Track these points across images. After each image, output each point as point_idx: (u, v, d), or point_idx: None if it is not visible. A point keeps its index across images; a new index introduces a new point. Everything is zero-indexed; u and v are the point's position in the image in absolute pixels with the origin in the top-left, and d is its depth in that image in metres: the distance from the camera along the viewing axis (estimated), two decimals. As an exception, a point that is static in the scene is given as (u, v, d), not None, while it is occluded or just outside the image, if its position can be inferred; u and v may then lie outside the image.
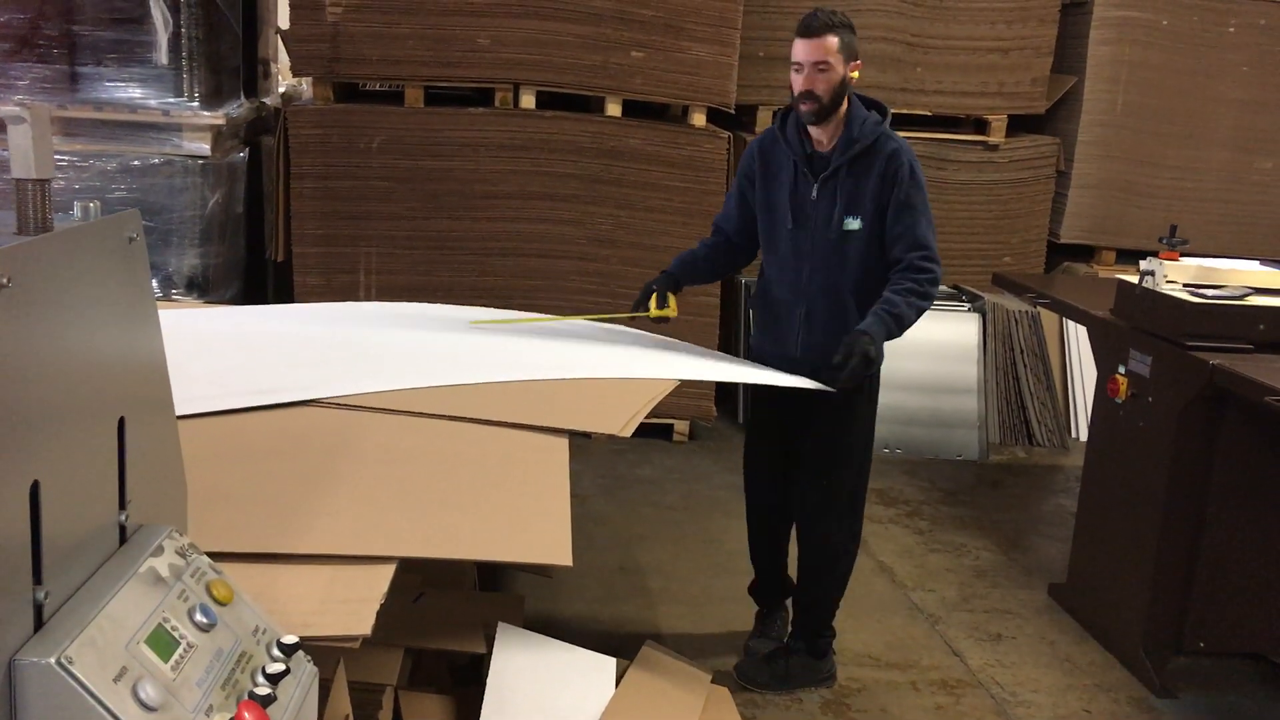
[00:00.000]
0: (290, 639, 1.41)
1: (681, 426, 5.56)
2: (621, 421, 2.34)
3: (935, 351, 5.74)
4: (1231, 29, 5.92)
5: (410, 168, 5.15)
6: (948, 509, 4.91)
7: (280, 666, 1.35)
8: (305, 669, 1.44)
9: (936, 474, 5.37)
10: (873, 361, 2.96)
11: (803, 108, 3.02)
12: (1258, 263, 3.63)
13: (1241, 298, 3.35)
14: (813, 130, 3.09)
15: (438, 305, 3.96)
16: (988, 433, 5.70)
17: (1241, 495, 3.34)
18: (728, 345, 5.92)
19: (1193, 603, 3.40)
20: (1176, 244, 3.50)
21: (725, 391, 5.92)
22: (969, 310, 5.83)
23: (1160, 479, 3.42)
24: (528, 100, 5.19)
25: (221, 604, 1.35)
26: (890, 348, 5.92)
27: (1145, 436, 3.51)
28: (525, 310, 4.58)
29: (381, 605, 1.73)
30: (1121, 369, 3.56)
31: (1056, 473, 5.49)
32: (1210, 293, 3.36)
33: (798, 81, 3.00)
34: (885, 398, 5.56)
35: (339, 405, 2.44)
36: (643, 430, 5.31)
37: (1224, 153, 6.07)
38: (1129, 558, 3.57)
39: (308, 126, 5.09)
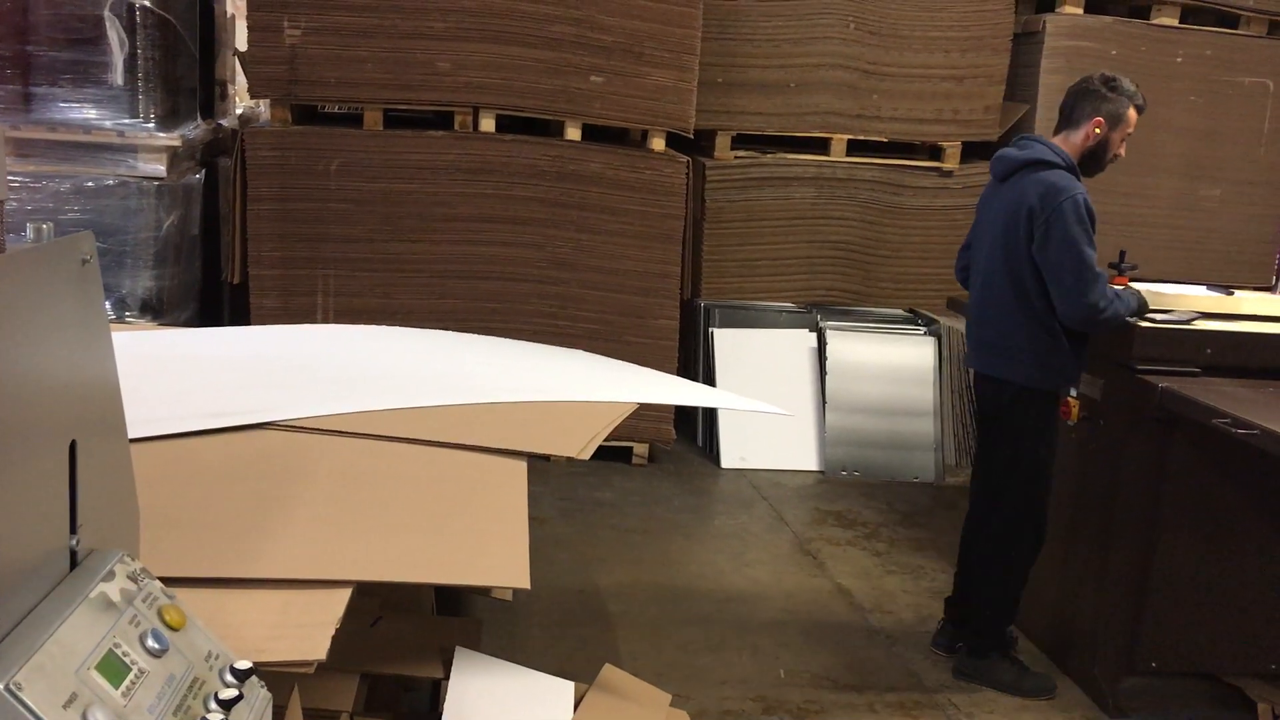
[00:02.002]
0: (244, 664, 1.39)
1: (641, 449, 5.57)
2: (580, 444, 2.34)
3: (892, 375, 5.80)
4: (1179, 59, 6.06)
5: (369, 190, 5.14)
6: (905, 531, 4.95)
7: (233, 692, 1.33)
8: (259, 695, 1.42)
9: (894, 496, 5.42)
10: None
11: (1108, 166, 3.51)
12: (1204, 288, 3.71)
13: (1189, 322, 3.42)
14: None
15: (397, 329, 3.95)
16: (944, 455, 5.76)
17: (1191, 516, 3.39)
18: (686, 369, 5.95)
19: (1145, 623, 3.44)
20: (1126, 269, 3.57)
21: (684, 415, 5.94)
22: (925, 334, 5.89)
23: (1111, 500, 3.48)
24: (488, 124, 5.20)
25: (174, 629, 1.33)
26: (847, 371, 5.99)
27: (1096, 458, 3.56)
28: (483, 334, 4.58)
29: (337, 630, 1.72)
30: (1073, 392, 3.61)
31: (1011, 495, 5.56)
32: (1159, 317, 3.42)
33: (1122, 148, 3.47)
34: (842, 420, 5.69)
35: (295, 428, 2.42)
36: (602, 453, 5.32)
37: (1173, 180, 6.20)
38: (1082, 579, 3.61)
39: (265, 148, 5.07)
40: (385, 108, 5.17)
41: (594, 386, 2.91)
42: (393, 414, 2.56)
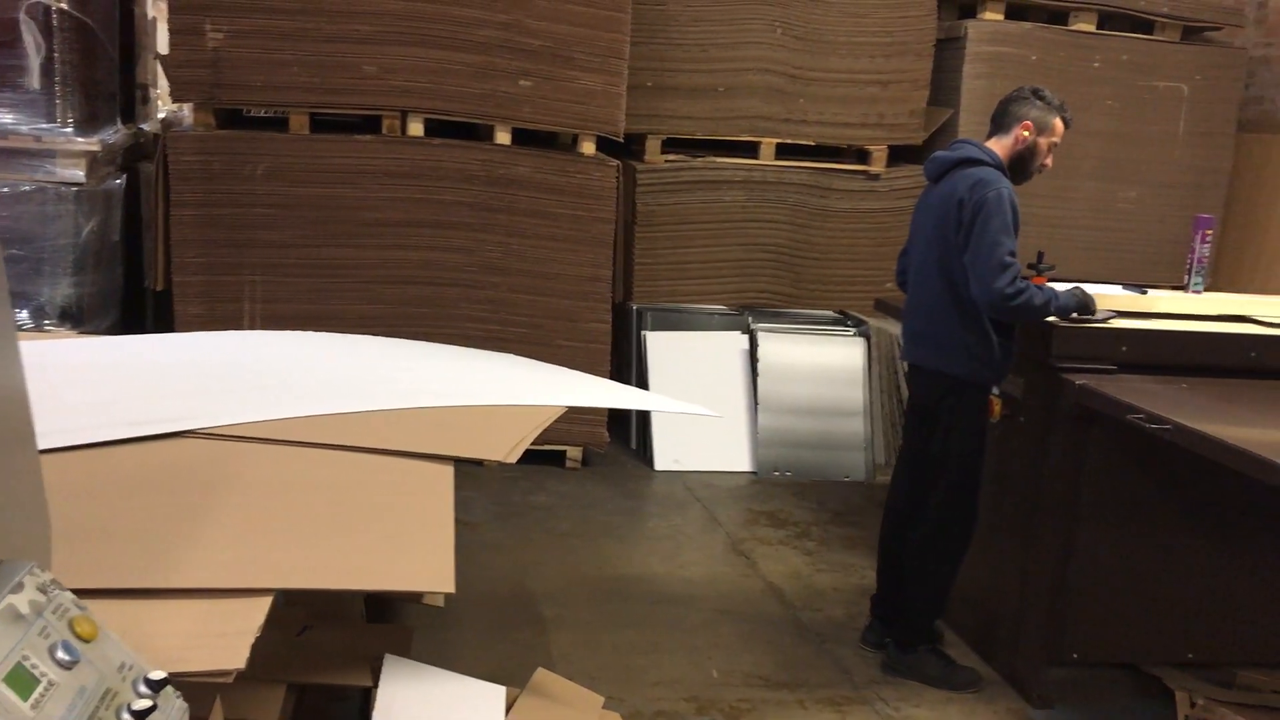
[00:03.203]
0: (158, 675, 1.38)
1: (574, 453, 5.57)
2: (507, 447, 2.34)
3: (822, 376, 5.86)
4: (1097, 64, 6.21)
5: (295, 195, 5.08)
6: (836, 530, 5.01)
7: (147, 703, 1.32)
8: (174, 705, 1.41)
9: (825, 495, 5.48)
10: None
11: (1035, 175, 3.61)
12: (1120, 287, 3.81)
13: (1105, 320, 3.51)
14: None
15: (324, 335, 3.91)
16: (873, 454, 5.83)
17: (1110, 510, 3.48)
18: (619, 372, 5.96)
19: (1066, 615, 3.52)
20: (1044, 269, 3.64)
21: (617, 418, 5.95)
22: (854, 335, 5.97)
23: (1033, 495, 3.55)
24: (416, 128, 5.17)
25: (85, 641, 1.31)
26: (779, 372, 6.05)
27: (1018, 455, 3.64)
28: (414, 339, 4.56)
29: (259, 639, 1.70)
30: (995, 390, 3.68)
31: (940, 492, 5.65)
32: (1076, 316, 3.50)
33: (1049, 158, 3.58)
34: (774, 421, 5.74)
35: (218, 436, 2.39)
36: (536, 457, 5.39)
37: (1091, 183, 6.35)
38: (1005, 573, 3.68)
39: (188, 153, 4.98)
40: (311, 111, 5.11)
41: (522, 390, 2.91)
42: (318, 420, 2.53)
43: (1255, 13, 7.07)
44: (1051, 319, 3.44)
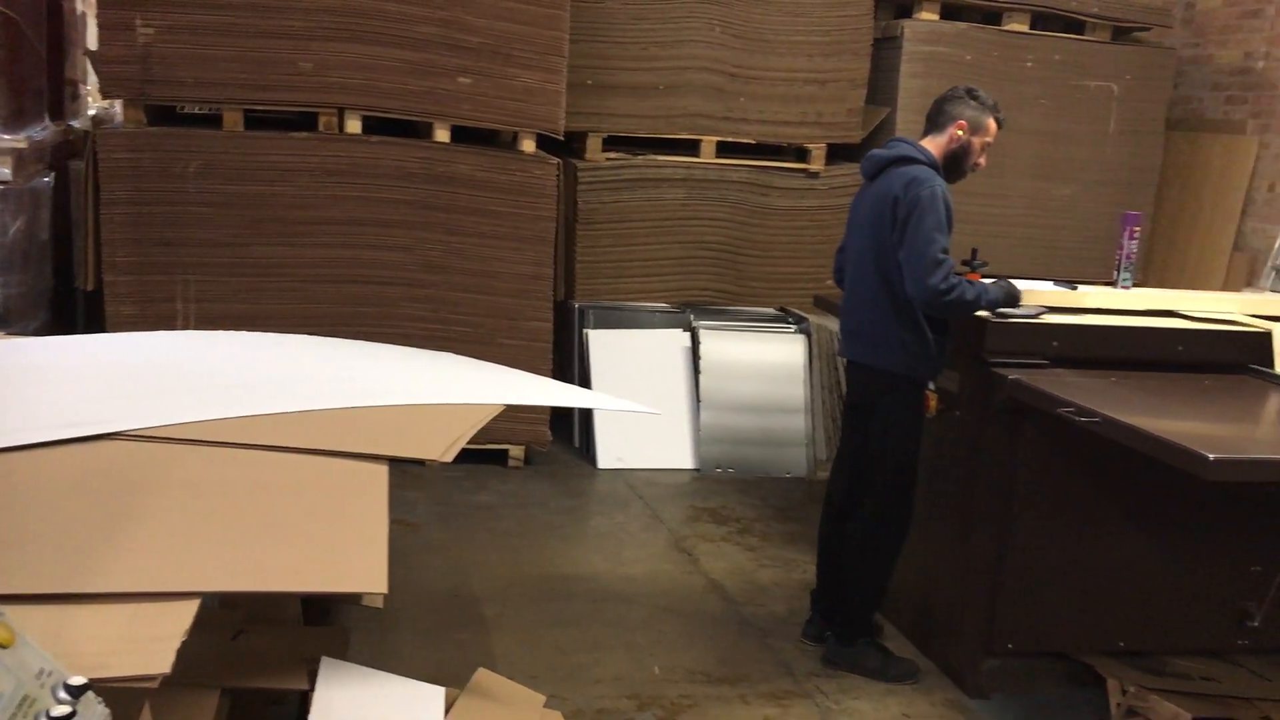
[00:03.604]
0: (78, 680, 1.35)
1: (517, 452, 5.55)
2: (443, 446, 2.32)
3: (764, 373, 5.90)
4: (1030, 64, 6.31)
5: (230, 193, 5.01)
6: (778, 525, 5.04)
7: (66, 709, 1.29)
8: (96, 711, 1.38)
9: (767, 492, 5.51)
10: None
11: (968, 173, 3.66)
12: (1051, 283, 3.87)
13: (1037, 316, 3.56)
14: None
15: (258, 334, 3.85)
16: (815, 450, 5.88)
17: (1043, 502, 3.53)
18: (562, 371, 5.95)
19: (1001, 606, 3.57)
20: (978, 266, 3.70)
21: (560, 416, 5.94)
22: (795, 332, 6.01)
23: (968, 489, 3.60)
24: (353, 125, 5.12)
25: (2, 647, 1.28)
26: (721, 370, 6.07)
27: (954, 449, 3.68)
28: (355, 338, 4.51)
29: (187, 643, 1.67)
30: (931, 385, 3.73)
31: (880, 487, 5.71)
32: (1009, 311, 3.55)
33: (982, 157, 3.63)
34: (716, 418, 5.77)
35: (146, 438, 2.35)
36: (478, 456, 5.37)
37: (1026, 181, 6.45)
38: (942, 565, 3.73)
39: (119, 150, 4.89)
40: (245, 108, 5.04)
41: (460, 389, 2.89)
42: (250, 421, 2.50)
43: (1183, 13, 7.23)
44: (984, 314, 3.49)
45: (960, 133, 3.55)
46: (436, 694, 2.47)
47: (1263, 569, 3.67)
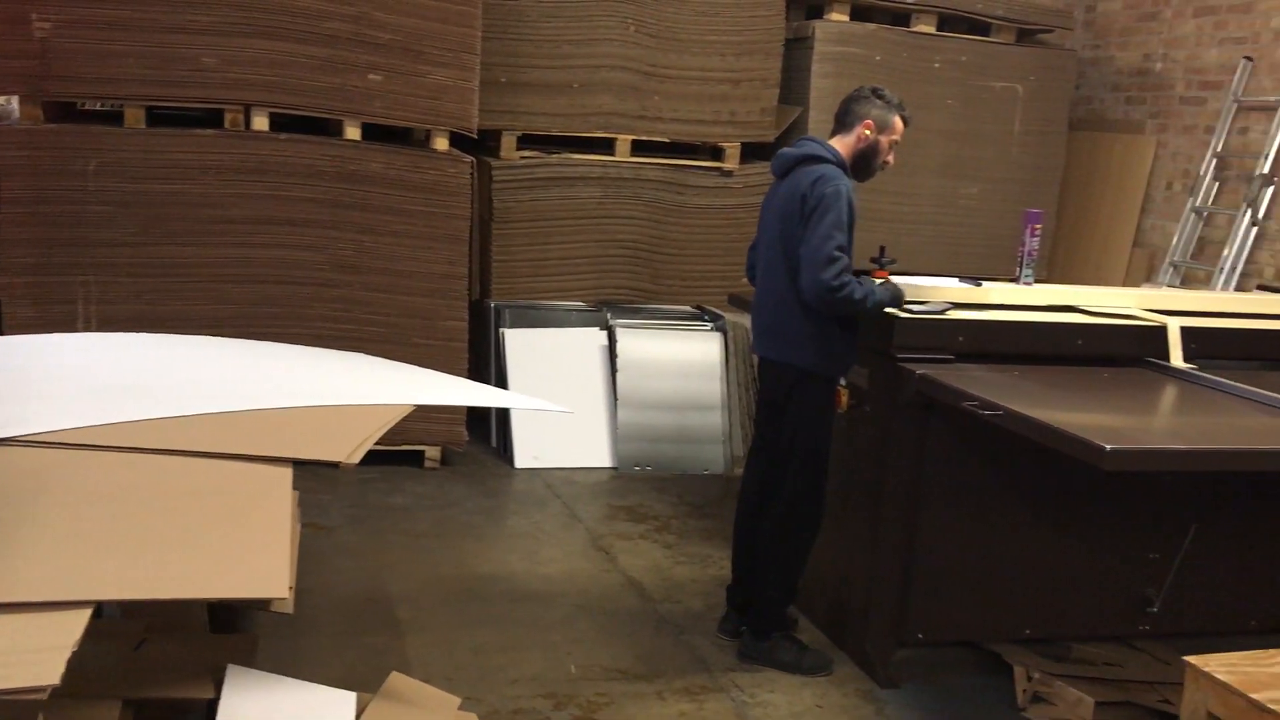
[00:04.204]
0: (-39, 695, 1.31)
1: (433, 452, 5.50)
2: (349, 448, 2.29)
3: (680, 370, 5.93)
4: (937, 65, 6.44)
5: (132, 192, 4.88)
6: (695, 522, 5.07)
7: (-53, 726, 1.25)
8: (-20, 727, 1.34)
9: (685, 489, 5.54)
10: None
11: (877, 172, 3.71)
12: (956, 280, 3.95)
13: (943, 312, 3.64)
14: None
15: (162, 336, 3.77)
16: (732, 447, 5.92)
17: (950, 494, 3.61)
18: (478, 370, 5.92)
19: (911, 597, 3.63)
20: (885, 263, 3.76)
21: (477, 416, 5.90)
22: (711, 330, 6.05)
23: (878, 483, 3.66)
24: (260, 122, 5.02)
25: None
26: (638, 368, 6.08)
27: (864, 444, 3.74)
28: (265, 339, 4.43)
29: (83, 654, 1.63)
30: (843, 381, 3.78)
31: (796, 482, 5.77)
32: (916, 308, 3.62)
33: (891, 155, 3.68)
34: (634, 416, 5.78)
35: (39, 443, 2.28)
36: (393, 458, 5.31)
37: (934, 179, 6.58)
38: (854, 559, 3.79)
39: (15, 148, 4.74)
40: (147, 105, 4.92)
41: (369, 389, 2.86)
42: (150, 424, 2.44)
43: (1084, 16, 7.44)
44: (892, 311, 3.55)
45: (867, 132, 3.61)
46: (347, 699, 2.44)
47: (1160, 556, 3.79)
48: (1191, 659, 2.39)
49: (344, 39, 5.02)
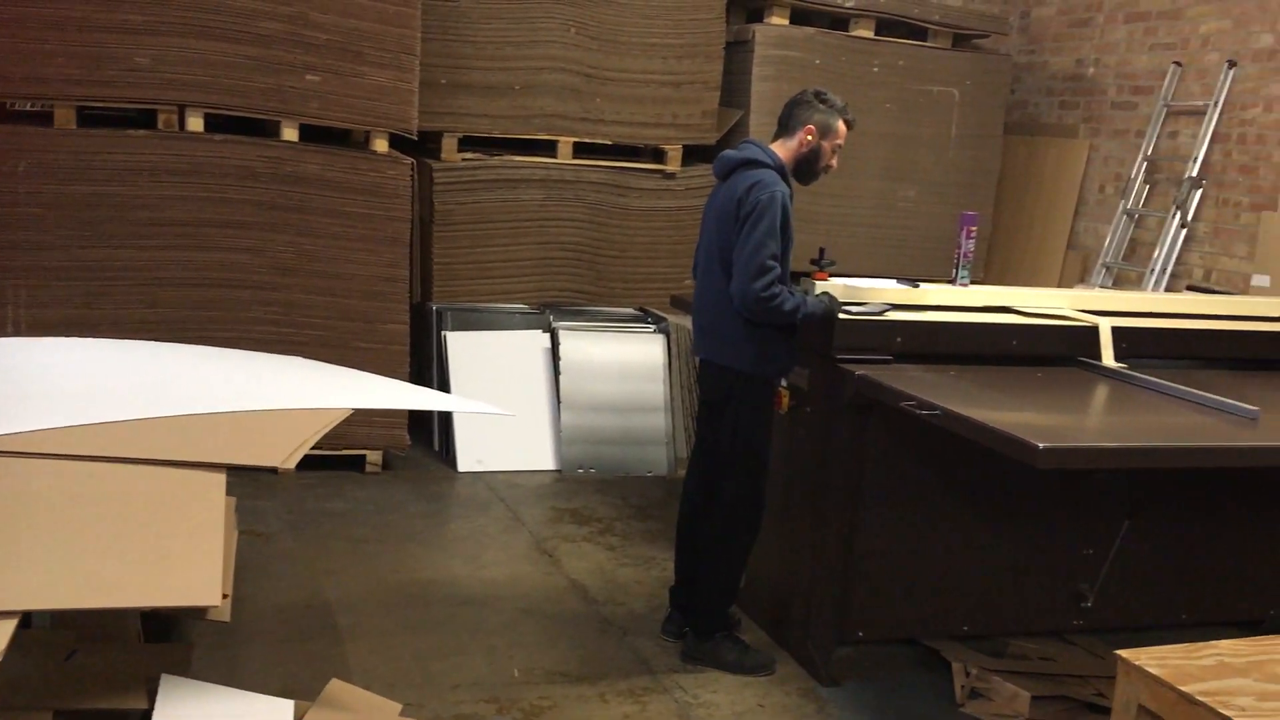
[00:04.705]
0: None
1: (374, 456, 5.45)
2: (284, 453, 2.27)
3: (623, 372, 5.93)
4: (876, 69, 6.51)
5: (63, 193, 4.79)
6: (639, 524, 5.07)
7: None
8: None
9: (628, 491, 5.54)
10: None
11: (821, 175, 3.73)
12: (894, 281, 3.99)
13: (881, 313, 3.68)
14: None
15: (94, 340, 3.70)
16: (675, 448, 5.94)
17: (890, 493, 3.65)
18: (420, 374, 5.88)
19: (852, 596, 3.67)
20: (825, 264, 3.80)
21: (420, 420, 5.87)
22: (654, 331, 6.06)
23: (820, 483, 3.69)
24: (195, 123, 4.95)
25: None
26: (581, 370, 6.07)
27: (806, 444, 3.77)
28: (201, 344, 4.36)
29: (7, 664, 1.59)
30: (783, 382, 3.81)
31: (739, 483, 5.80)
32: (855, 309, 3.66)
33: (834, 159, 3.71)
34: (577, 419, 5.77)
35: (-37, 452, 2.23)
36: (334, 462, 5.25)
37: (874, 182, 6.65)
38: (795, 559, 3.82)
39: (-60, 148, 4.63)
40: (78, 105, 4.83)
41: (306, 393, 2.82)
42: (80, 430, 2.39)
43: (1019, 22, 7.57)
44: (839, 316, 3.58)
45: (810, 137, 3.63)
46: (285, 707, 2.41)
47: (1094, 552, 3.86)
48: (1123, 653, 2.44)
49: (280, 39, 4.96)
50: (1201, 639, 2.54)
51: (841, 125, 3.68)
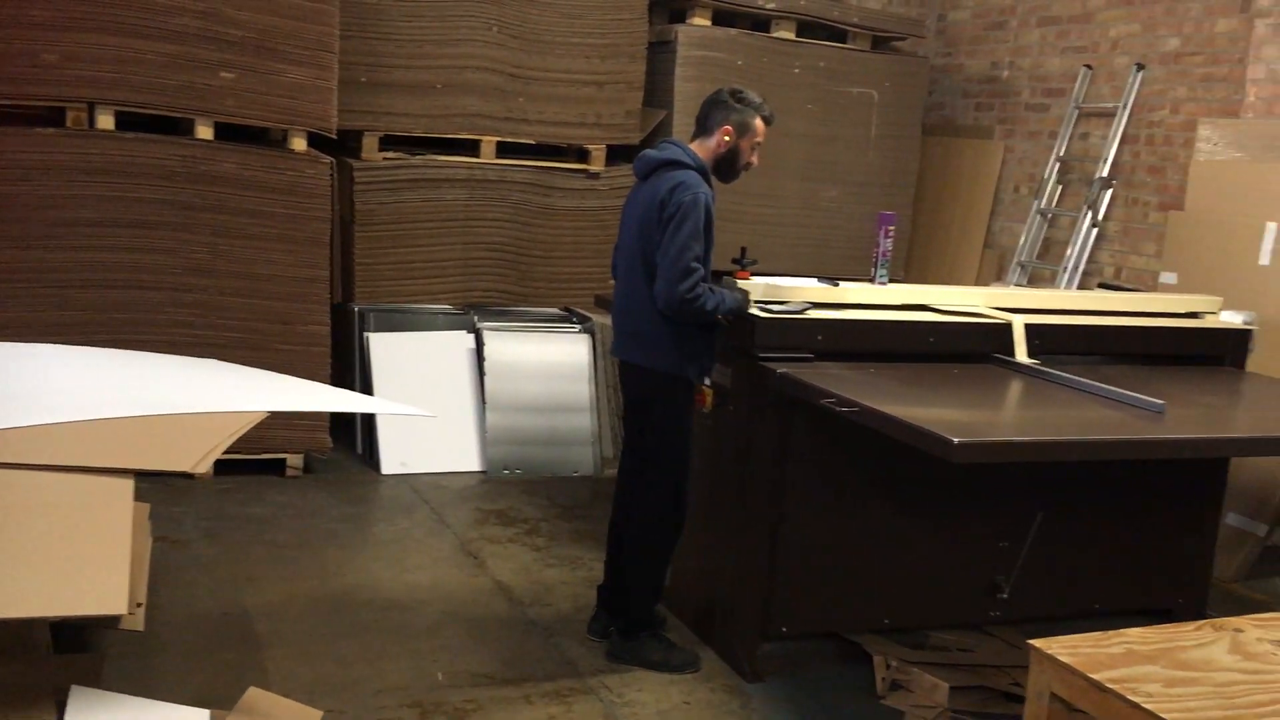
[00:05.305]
0: None
1: (295, 460, 5.36)
2: (196, 458, 2.22)
3: (549, 372, 5.91)
4: (797, 70, 6.57)
5: (-34, 193, 4.64)
6: (565, 524, 5.06)
7: None
8: None
9: (555, 491, 5.53)
10: None
11: (742, 173, 3.76)
12: (815, 280, 4.04)
13: (802, 312, 3.71)
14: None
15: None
16: (602, 448, 5.94)
17: (812, 490, 3.69)
18: (342, 376, 5.80)
19: (775, 591, 3.70)
20: (747, 264, 3.83)
21: (343, 422, 5.79)
22: (580, 331, 6.06)
23: (743, 481, 3.72)
24: (105, 121, 4.83)
25: None
26: (506, 371, 6.04)
27: (730, 442, 3.79)
28: (113, 347, 4.26)
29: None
30: (707, 381, 3.83)
31: (665, 482, 5.82)
32: (776, 308, 3.69)
33: (754, 157, 3.72)
34: (502, 420, 5.74)
35: None
36: (254, 466, 5.16)
37: (797, 182, 6.71)
38: (720, 555, 3.84)
39: None
40: (-17, 102, 4.68)
41: (220, 397, 2.77)
42: (-18, 437, 2.32)
43: (936, 25, 7.70)
44: (754, 311, 3.61)
45: (727, 138, 3.65)
46: (200, 717, 2.37)
47: (1010, 544, 3.95)
48: (1035, 642, 2.49)
49: (194, 35, 4.86)
50: (1113, 628, 2.60)
51: (759, 123, 3.70)
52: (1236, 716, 2.21)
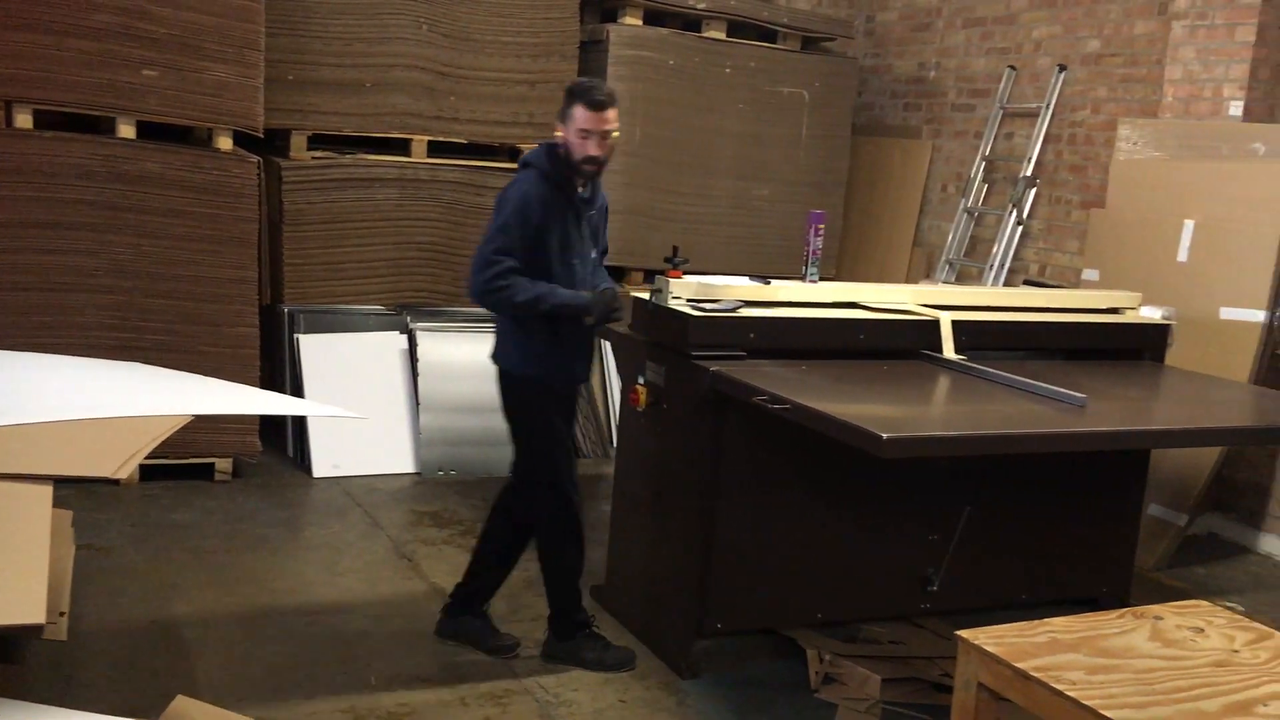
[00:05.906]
0: None
1: (224, 464, 5.27)
2: (116, 463, 2.18)
3: (483, 373, 5.81)
4: (728, 70, 6.61)
5: (-124, 193, 4.49)
6: (499, 525, 5.03)
7: None
8: None
9: (490, 492, 5.39)
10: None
11: (587, 168, 3.50)
12: (747, 278, 4.06)
13: (735, 310, 3.74)
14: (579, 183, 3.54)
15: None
16: (536, 448, 5.91)
17: (746, 486, 3.71)
18: (272, 378, 5.71)
19: (710, 588, 3.72)
20: (679, 263, 3.84)
21: (273, 425, 5.71)
22: (513, 331, 6.02)
23: (678, 478, 3.73)
24: (24, 120, 4.71)
25: None
26: (439, 371, 6.00)
27: (664, 440, 3.81)
28: (31, 350, 4.15)
29: None
30: (641, 380, 3.84)
31: (601, 481, 5.81)
32: (709, 306, 3.71)
33: (587, 146, 3.43)
34: (436, 420, 5.70)
35: None
36: (181, 471, 5.06)
37: (728, 181, 6.75)
38: (656, 553, 3.85)
39: None
40: (-108, 100, 4.54)
41: (141, 400, 2.72)
42: (-108, 445, 2.25)
43: (864, 26, 7.79)
44: (685, 310, 3.62)
45: (559, 134, 3.56)
46: (124, 727, 2.31)
47: (939, 538, 4.01)
48: (963, 633, 2.53)
49: (115, 32, 4.76)
50: (1039, 618, 2.65)
51: (579, 110, 3.42)
52: (1155, 702, 2.27)
